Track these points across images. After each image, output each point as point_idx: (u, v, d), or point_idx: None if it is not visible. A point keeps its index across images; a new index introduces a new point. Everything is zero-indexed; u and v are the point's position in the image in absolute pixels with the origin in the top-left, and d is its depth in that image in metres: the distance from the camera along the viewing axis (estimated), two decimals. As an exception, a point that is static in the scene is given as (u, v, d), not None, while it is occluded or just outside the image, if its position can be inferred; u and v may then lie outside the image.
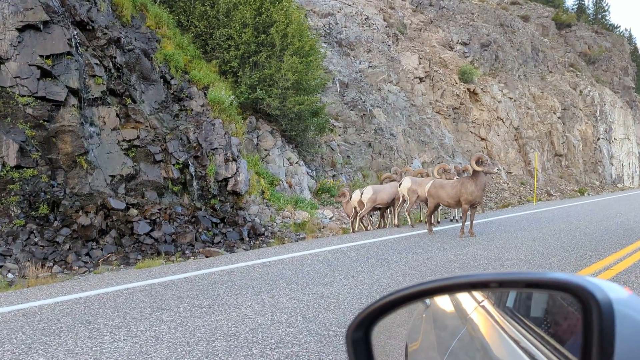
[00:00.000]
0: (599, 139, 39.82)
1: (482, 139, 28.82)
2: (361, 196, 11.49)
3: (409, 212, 11.55)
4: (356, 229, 11.83)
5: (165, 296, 5.17)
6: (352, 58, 24.73)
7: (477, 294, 1.72)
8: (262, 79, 14.73)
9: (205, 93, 13.99)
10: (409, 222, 11.68)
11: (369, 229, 12.05)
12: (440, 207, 11.35)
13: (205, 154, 13.06)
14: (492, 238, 9.47)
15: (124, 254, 10.16)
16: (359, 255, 7.59)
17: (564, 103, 36.67)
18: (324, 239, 10.67)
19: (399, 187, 11.33)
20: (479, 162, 9.39)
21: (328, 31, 24.18)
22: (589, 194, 31.73)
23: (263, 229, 12.91)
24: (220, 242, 11.65)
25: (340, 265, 6.68)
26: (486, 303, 1.64)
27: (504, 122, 30.55)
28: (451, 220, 12.71)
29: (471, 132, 28.39)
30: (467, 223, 9.67)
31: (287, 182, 15.36)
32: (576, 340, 1.02)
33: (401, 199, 11.40)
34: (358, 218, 11.78)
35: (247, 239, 12.16)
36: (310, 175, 16.91)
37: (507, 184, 27.56)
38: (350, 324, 1.25)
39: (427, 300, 1.93)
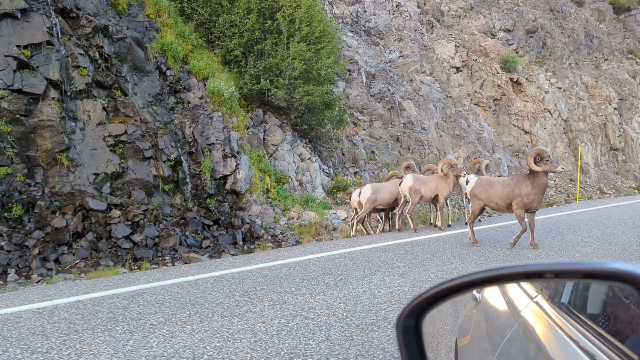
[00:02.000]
0: (661, 131, 36.45)
1: (527, 133, 26.68)
2: (359, 196, 10.19)
3: (411, 214, 10.09)
4: (353, 233, 10.51)
5: (15, 332, 4.09)
6: (382, 47, 23.27)
7: (530, 290, 1.66)
8: (268, 68, 13.62)
9: (205, 84, 13.03)
10: (411, 226, 10.22)
11: (370, 232, 10.72)
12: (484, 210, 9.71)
13: (200, 150, 12.09)
14: (499, 248, 7.94)
15: (97, 259, 9.30)
16: (322, 269, 6.36)
17: (621, 93, 33.71)
18: (315, 245, 9.47)
19: (400, 185, 9.94)
20: (537, 158, 7.59)
21: (355, 19, 22.84)
22: (648, 192, 28.95)
23: (262, 231, 11.82)
24: (209, 246, 10.64)
25: (282, 285, 5.49)
26: (540, 299, 1.58)
27: (551, 114, 28.24)
28: (466, 224, 11.08)
29: (514, 125, 26.31)
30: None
31: (297, 180, 14.21)
32: (638, 337, 1.00)
33: (403, 199, 9.99)
34: (356, 220, 10.46)
35: (242, 242, 11.10)
36: (326, 173, 15.70)
37: (554, 180, 25.36)
38: (400, 312, 1.23)
39: (478, 296, 1.90)
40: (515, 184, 7.78)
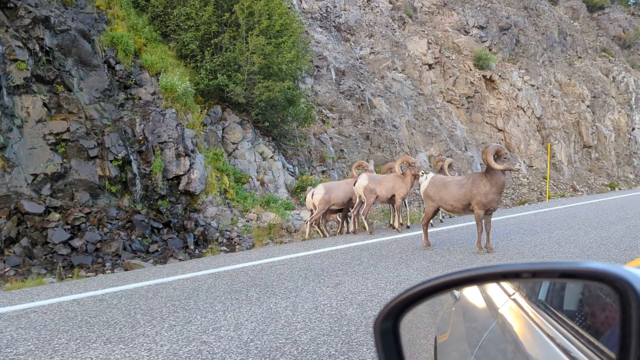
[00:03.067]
0: (634, 128, 36.61)
1: (500, 130, 26.45)
2: (312, 197, 9.66)
3: (366, 216, 9.57)
4: (307, 236, 9.96)
5: None
6: (352, 44, 22.79)
7: (508, 287, 1.68)
8: (226, 63, 13.02)
9: (158, 80, 12.39)
10: (366, 228, 9.71)
11: (326, 235, 10.17)
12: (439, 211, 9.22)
13: (151, 149, 11.46)
14: (452, 252, 7.44)
15: (29, 267, 8.63)
16: (253, 279, 5.78)
17: (593, 90, 33.79)
18: (266, 249, 8.91)
19: (354, 185, 9.43)
20: (495, 156, 7.04)
21: (325, 15, 22.31)
22: (620, 189, 28.99)
23: (218, 234, 11.23)
24: (157, 250, 10.03)
25: (198, 300, 4.85)
26: (517, 296, 1.60)
27: (524, 112, 28.08)
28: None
29: (487, 122, 26.05)
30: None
31: (258, 180, 13.64)
32: (612, 334, 1.01)
33: (358, 199, 9.48)
34: (309, 223, 9.92)
35: (193, 246, 10.51)
36: (291, 172, 15.15)
37: (527, 178, 25.23)
38: (378, 314, 1.23)
39: (457, 294, 1.93)
40: (472, 184, 7.26)
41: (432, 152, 21.82)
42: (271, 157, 14.31)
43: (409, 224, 10.48)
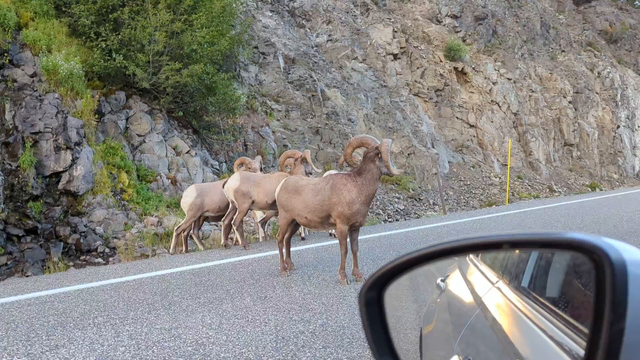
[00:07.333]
0: (619, 126, 34.96)
1: (471, 126, 24.74)
2: (181, 201, 7.91)
3: (238, 226, 7.75)
4: (172, 250, 8.19)
5: None
6: (308, 30, 21.01)
7: (492, 275, 1.68)
8: (127, 42, 11.24)
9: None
10: (239, 241, 7.90)
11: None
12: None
13: (20, 140, 9.66)
14: (307, 280, 5.51)
15: None
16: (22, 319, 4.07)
17: (576, 86, 32.10)
18: (128, 265, 7.15)
19: (223, 187, 7.67)
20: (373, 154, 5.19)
21: (277, -2, 20.52)
22: (601, 189, 27.36)
23: (100, 242, 9.46)
24: (7, 264, 8.25)
25: None
26: (501, 284, 1.60)
27: (499, 107, 26.38)
28: (330, 235, 8.51)
29: (457, 117, 24.33)
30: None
31: (168, 178, 11.86)
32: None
33: (231, 205, 7.71)
34: (175, 233, 8.15)
35: (57, 258, 8.73)
36: (215, 169, 13.39)
37: (499, 178, 23.49)
38: (363, 284, 1.24)
39: (442, 285, 1.95)
40: (332, 190, 5.38)
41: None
42: (187, 152, 12.52)
43: (304, 234, 8.65)
